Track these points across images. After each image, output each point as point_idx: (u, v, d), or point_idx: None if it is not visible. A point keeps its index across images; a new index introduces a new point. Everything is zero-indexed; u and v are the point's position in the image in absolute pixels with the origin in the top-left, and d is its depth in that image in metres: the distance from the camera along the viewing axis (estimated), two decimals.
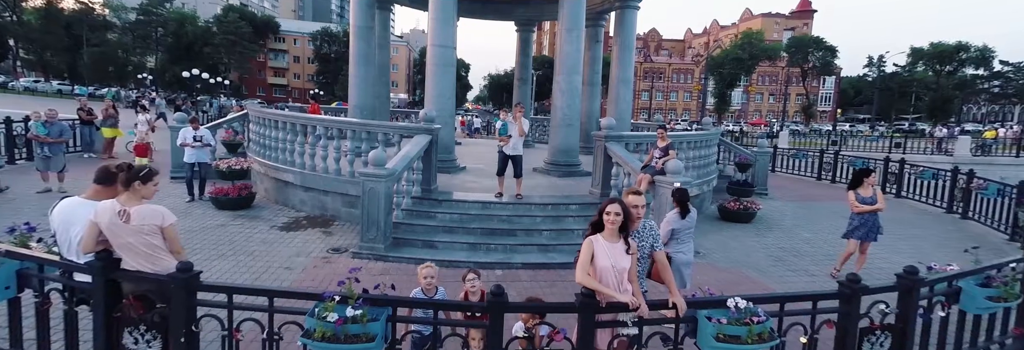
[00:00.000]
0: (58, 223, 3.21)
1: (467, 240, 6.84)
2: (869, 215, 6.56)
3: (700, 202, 10.25)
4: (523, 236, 7.01)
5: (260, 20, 72.00)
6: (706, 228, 8.84)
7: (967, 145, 23.79)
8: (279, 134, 9.08)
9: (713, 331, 2.99)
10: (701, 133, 10.95)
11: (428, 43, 10.43)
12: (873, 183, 6.75)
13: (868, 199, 6.60)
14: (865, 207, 6.54)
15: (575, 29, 10.55)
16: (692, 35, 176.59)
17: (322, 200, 8.49)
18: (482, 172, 10.20)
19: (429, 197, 7.72)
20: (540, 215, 7.48)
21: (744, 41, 64.57)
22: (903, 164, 12.71)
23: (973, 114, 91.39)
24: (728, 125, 64.33)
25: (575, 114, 10.73)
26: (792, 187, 14.06)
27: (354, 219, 7.82)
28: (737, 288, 5.98)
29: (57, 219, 3.22)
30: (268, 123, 9.48)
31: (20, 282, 3.21)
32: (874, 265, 6.96)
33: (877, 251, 7.18)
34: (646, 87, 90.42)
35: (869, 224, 6.55)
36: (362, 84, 12.51)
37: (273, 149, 9.25)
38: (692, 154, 9.93)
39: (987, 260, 4.15)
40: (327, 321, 2.74)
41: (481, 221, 7.21)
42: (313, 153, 8.58)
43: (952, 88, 67.33)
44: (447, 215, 7.32)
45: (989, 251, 7.52)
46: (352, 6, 12.46)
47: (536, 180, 9.76)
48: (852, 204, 6.60)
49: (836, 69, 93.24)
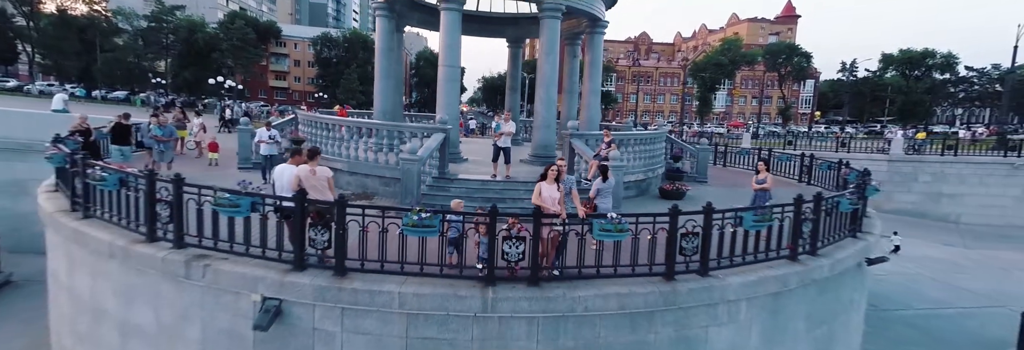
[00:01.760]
0: (276, 176, 6.39)
1: (472, 205, 10.01)
2: (759, 192, 9.75)
3: (648, 185, 13.51)
4: (510, 202, 10.21)
5: (263, 25, 74.87)
6: (648, 203, 12.05)
7: (901, 145, 27.24)
8: (330, 133, 12.23)
9: (598, 228, 6.21)
10: (646, 132, 14.23)
11: (439, 63, 13.60)
12: (762, 169, 9.97)
13: (760, 180, 9.82)
14: (756, 185, 9.77)
15: (552, 53, 13.80)
16: (681, 39, 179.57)
17: (364, 181, 11.64)
18: (480, 162, 13.40)
19: (444, 177, 10.92)
20: (522, 189, 10.69)
21: (725, 47, 68.15)
22: (812, 158, 15.98)
23: (946, 116, 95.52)
24: (709, 127, 67.87)
25: (552, 118, 13.98)
26: (731, 177, 17.32)
27: (389, 194, 10.97)
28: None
29: (276, 174, 6.40)
30: (320, 125, 12.63)
31: (252, 207, 6.36)
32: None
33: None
34: (634, 90, 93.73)
35: (760, 198, 9.70)
36: (384, 93, 15.69)
37: (324, 144, 12.39)
38: (640, 148, 13.16)
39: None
40: (412, 218, 5.92)
41: (481, 192, 10.42)
42: (357, 147, 11.74)
43: (921, 92, 71.24)
44: (457, 189, 10.52)
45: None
46: (378, 31, 15.62)
47: (521, 168, 12.98)
48: (752, 184, 9.84)
49: (816, 73, 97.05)
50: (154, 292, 6.67)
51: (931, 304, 15.43)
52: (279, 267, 6.23)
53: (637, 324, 6.36)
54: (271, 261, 6.28)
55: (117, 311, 7.08)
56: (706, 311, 6.63)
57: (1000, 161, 25.36)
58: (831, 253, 7.98)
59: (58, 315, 8.62)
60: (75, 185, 7.95)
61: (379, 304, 5.93)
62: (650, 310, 6.34)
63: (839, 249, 8.24)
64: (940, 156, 26.32)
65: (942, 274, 18.25)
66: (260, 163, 12.11)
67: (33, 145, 15.62)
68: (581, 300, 6.08)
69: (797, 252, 7.52)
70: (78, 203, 7.90)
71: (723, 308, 6.71)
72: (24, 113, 16.50)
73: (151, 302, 6.73)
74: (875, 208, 27.03)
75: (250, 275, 6.13)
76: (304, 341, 6.13)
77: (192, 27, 51.75)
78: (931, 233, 23.74)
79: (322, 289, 5.96)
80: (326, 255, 6.23)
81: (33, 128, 15.50)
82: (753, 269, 7.03)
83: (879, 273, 16.87)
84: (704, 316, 6.63)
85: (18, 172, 15.60)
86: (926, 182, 26.09)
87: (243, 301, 6.19)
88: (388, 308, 5.94)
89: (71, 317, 7.95)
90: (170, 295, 6.56)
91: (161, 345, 6.76)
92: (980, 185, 25.47)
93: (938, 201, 26.08)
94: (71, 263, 7.81)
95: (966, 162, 25.72)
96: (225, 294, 6.28)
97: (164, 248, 6.62)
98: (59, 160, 8.54)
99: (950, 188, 25.93)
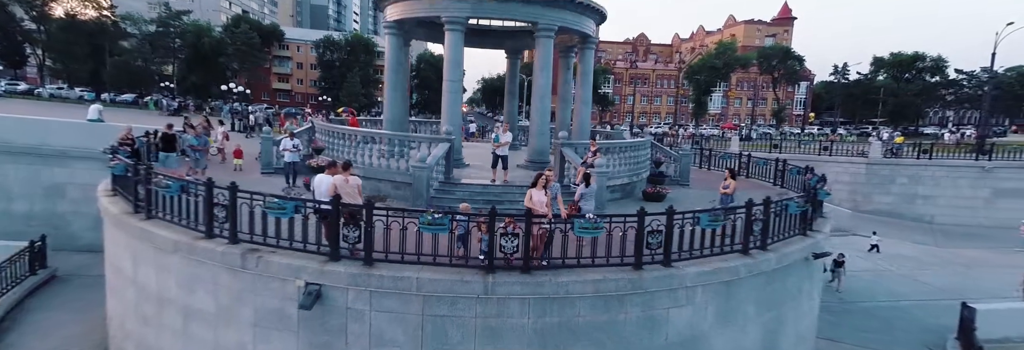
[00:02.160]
0: (316, 184, 7.84)
1: (474, 206, 11.43)
2: (724, 195, 11.18)
3: (633, 188, 14.94)
4: (508, 204, 11.63)
5: (266, 29, 76.38)
6: (631, 204, 13.43)
7: (879, 149, 28.69)
8: (346, 142, 13.65)
9: (578, 227, 7.64)
10: (630, 140, 15.68)
11: (444, 78, 14.97)
12: (728, 176, 11.41)
13: (725, 185, 11.25)
14: (722, 190, 11.21)
15: (545, 68, 15.22)
16: (679, 40, 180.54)
17: (377, 185, 13.03)
18: (481, 167, 14.82)
19: (449, 181, 12.36)
20: (517, 192, 12.10)
21: (719, 50, 69.67)
22: (784, 163, 17.39)
23: (938, 117, 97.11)
24: (705, 128, 69.30)
25: (546, 126, 15.43)
26: (712, 180, 18.68)
27: (400, 196, 12.36)
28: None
29: (316, 183, 7.85)
30: (337, 134, 14.05)
31: (295, 209, 7.77)
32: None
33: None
34: (631, 92, 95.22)
35: (725, 200, 11.11)
36: (393, 103, 17.10)
37: (341, 151, 13.81)
38: (625, 155, 14.56)
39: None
40: (427, 218, 7.35)
41: (482, 195, 11.86)
42: (370, 154, 13.15)
43: (912, 95, 72.81)
44: (461, 192, 11.96)
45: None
46: (387, 48, 17.00)
47: (517, 172, 14.40)
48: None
49: (810, 75, 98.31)
50: (213, 280, 8.09)
51: (893, 297, 16.88)
52: (318, 258, 7.66)
53: (610, 305, 7.78)
54: (311, 253, 7.72)
55: (179, 297, 8.49)
56: (668, 295, 8.06)
57: (971, 164, 26.85)
58: (779, 248, 9.40)
59: (121, 303, 10.04)
60: (138, 191, 9.36)
61: (400, 288, 7.36)
62: (621, 294, 7.77)
63: (788, 245, 9.66)
64: (916, 159, 27.78)
65: (909, 270, 19.71)
66: (282, 168, 13.52)
67: (68, 151, 17.08)
68: (564, 285, 7.51)
69: (748, 247, 8.95)
70: (141, 206, 9.32)
71: (682, 293, 8.14)
72: (63, 123, 17.90)
73: (210, 289, 8.15)
74: (854, 209, 28.61)
75: (294, 265, 7.55)
76: (339, 318, 7.56)
77: (199, 32, 53.16)
78: (905, 232, 25.20)
79: (354, 276, 7.38)
80: (356, 248, 7.64)
81: (71, 136, 16.92)
82: (709, 261, 8.46)
83: (853, 270, 18.42)
84: (666, 299, 8.06)
85: (57, 176, 17.00)
86: (903, 184, 27.58)
87: (289, 286, 7.61)
88: (407, 291, 7.36)
89: (135, 304, 9.37)
90: (227, 282, 7.98)
91: (219, 324, 8.18)
92: (952, 187, 26.97)
93: (913, 202, 27.55)
94: (135, 258, 9.23)
95: (940, 165, 27.21)
96: (274, 280, 7.71)
97: (221, 243, 8.05)
98: (121, 169, 9.93)
99: (925, 190, 27.40)
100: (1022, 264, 19.12)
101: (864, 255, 21.13)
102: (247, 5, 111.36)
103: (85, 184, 15.99)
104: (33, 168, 16.68)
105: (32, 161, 16.62)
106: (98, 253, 11.83)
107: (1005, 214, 25.50)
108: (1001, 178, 26.39)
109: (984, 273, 19.46)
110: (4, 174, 16.52)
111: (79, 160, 16.64)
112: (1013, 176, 26.41)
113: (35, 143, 16.55)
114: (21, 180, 16.63)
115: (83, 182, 16.37)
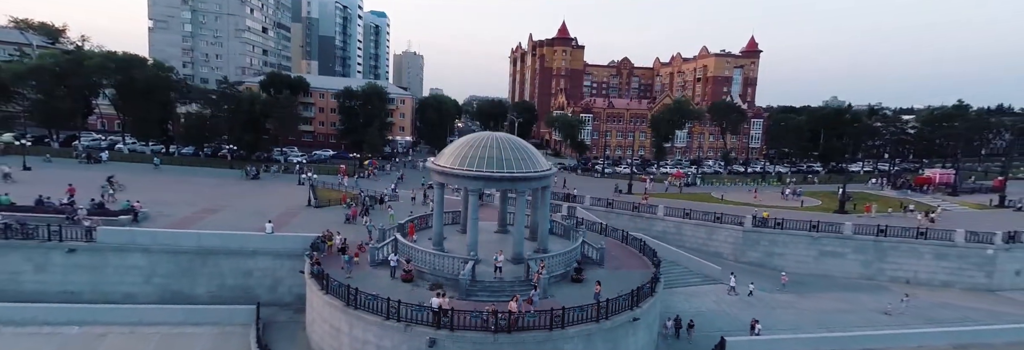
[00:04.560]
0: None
1: (487, 296, 24.88)
2: (595, 293, 24.61)
3: (568, 273, 28.43)
4: (506, 294, 25.05)
5: (294, 81, 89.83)
6: (565, 286, 26.93)
7: (750, 221, 42.43)
8: (419, 255, 27.10)
9: (529, 315, 21.16)
10: (566, 250, 29.22)
11: (466, 216, 28.41)
12: (597, 285, 24.85)
13: (597, 289, 24.68)
14: (598, 287, 24.69)
15: (521, 212, 28.72)
16: (660, 64, 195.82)
17: (436, 279, 26.38)
18: (486, 261, 28.18)
19: (474, 279, 25.89)
20: (507, 286, 25.55)
21: (675, 107, 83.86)
22: (648, 245, 30.83)
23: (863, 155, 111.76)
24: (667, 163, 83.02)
25: (521, 238, 29.02)
26: (623, 258, 32.14)
27: (449, 286, 25.73)
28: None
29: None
30: (417, 251, 27.43)
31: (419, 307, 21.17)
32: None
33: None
34: (609, 128, 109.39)
35: (595, 296, 24.50)
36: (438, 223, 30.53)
37: (420, 260, 27.08)
38: (563, 258, 27.95)
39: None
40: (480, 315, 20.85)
41: (490, 285, 25.38)
42: (433, 262, 26.52)
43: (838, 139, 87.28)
44: (480, 285, 25.46)
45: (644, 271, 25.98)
46: (435, 189, 30.44)
47: (507, 265, 27.83)
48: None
49: (763, 113, 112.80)
50: (391, 337, 21.43)
51: (713, 330, 30.38)
52: (433, 328, 21.05)
53: (540, 345, 21.25)
54: (431, 326, 21.14)
55: (376, 342, 21.80)
56: (563, 342, 21.48)
57: (804, 233, 40.70)
58: (615, 317, 22.83)
59: (335, 347, 23.33)
60: (340, 290, 22.69)
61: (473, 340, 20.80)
62: (541, 341, 21.21)
63: (620, 315, 23.09)
64: (772, 229, 41.60)
65: (737, 310, 33.29)
66: (382, 262, 26.90)
67: (258, 251, 30.27)
68: (523, 337, 20.95)
69: (599, 317, 22.38)
70: (345, 300, 22.64)
71: (571, 341, 21.58)
72: (252, 235, 31.06)
73: (390, 340, 21.48)
74: (735, 260, 43.06)
75: (421, 330, 20.94)
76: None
77: (253, 99, 66.39)
78: (759, 279, 38.84)
79: (448, 334, 20.82)
80: (444, 323, 20.97)
81: (257, 243, 30.17)
82: (583, 325, 21.89)
83: (703, 310, 32.05)
84: (565, 342, 21.49)
85: (248, 265, 30.21)
86: (764, 245, 41.37)
87: (422, 339, 20.96)
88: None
89: (349, 346, 22.66)
90: (396, 338, 21.33)
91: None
92: (795, 247, 40.79)
93: (772, 257, 41.34)
94: (350, 324, 22.53)
95: (787, 233, 41.03)
96: (415, 338, 21.07)
97: (396, 324, 21.39)
98: (318, 271, 23.28)
99: (779, 249, 41.21)
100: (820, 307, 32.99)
101: (720, 297, 34.69)
102: (265, 44, 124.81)
103: (264, 268, 29.54)
104: (237, 261, 29.97)
105: (236, 257, 29.91)
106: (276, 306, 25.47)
107: (826, 268, 39.52)
108: (823, 244, 40.36)
109: (785, 313, 33.10)
110: (221, 265, 29.80)
111: (262, 256, 29.99)
112: (833, 242, 40.35)
113: (237, 248, 29.85)
114: (231, 268, 29.92)
115: (263, 267, 29.81)
